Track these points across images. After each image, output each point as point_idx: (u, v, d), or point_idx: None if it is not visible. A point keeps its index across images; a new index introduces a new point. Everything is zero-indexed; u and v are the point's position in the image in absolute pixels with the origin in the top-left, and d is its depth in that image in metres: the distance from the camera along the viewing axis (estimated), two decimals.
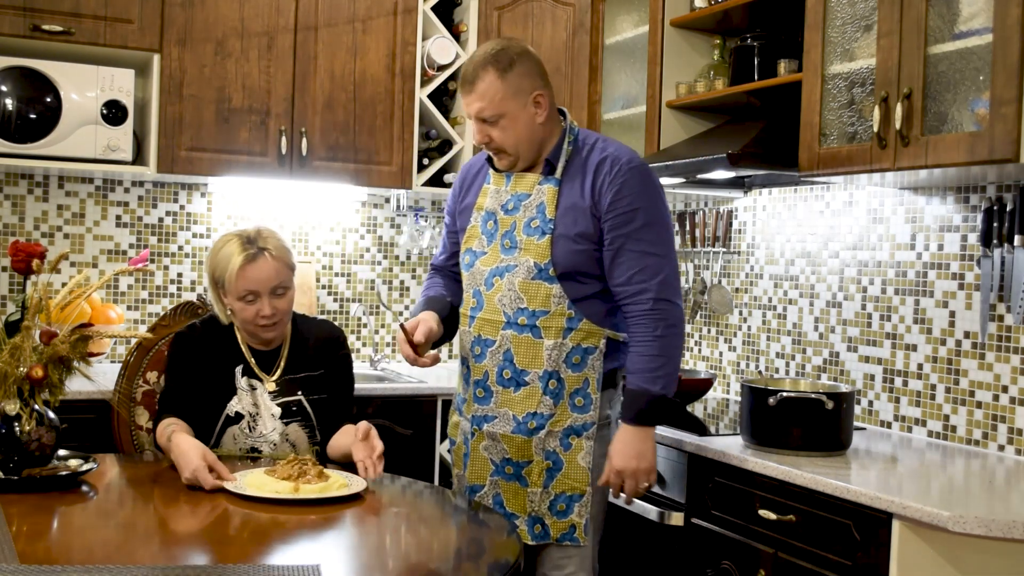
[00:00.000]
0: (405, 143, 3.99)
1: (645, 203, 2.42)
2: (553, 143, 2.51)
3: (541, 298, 2.45)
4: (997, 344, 2.78)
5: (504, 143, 2.47)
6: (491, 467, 2.53)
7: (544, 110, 2.47)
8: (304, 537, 2.03)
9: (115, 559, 1.82)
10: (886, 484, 2.37)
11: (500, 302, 2.48)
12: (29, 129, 3.43)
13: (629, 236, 2.41)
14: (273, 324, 2.62)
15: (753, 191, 3.62)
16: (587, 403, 2.48)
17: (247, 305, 2.59)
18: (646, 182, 2.45)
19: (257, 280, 2.58)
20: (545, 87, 2.49)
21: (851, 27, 2.79)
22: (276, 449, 2.63)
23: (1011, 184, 2.73)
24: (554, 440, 2.47)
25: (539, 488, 2.48)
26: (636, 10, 3.73)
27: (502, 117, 2.44)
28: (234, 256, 2.59)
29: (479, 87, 2.44)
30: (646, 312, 2.41)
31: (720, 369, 3.76)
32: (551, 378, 2.45)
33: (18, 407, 2.22)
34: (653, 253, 2.42)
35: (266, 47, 3.77)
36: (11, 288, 3.79)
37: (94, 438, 2.97)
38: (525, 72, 2.45)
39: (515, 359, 2.47)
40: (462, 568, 1.99)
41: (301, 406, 2.64)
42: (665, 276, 2.42)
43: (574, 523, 2.48)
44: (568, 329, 2.45)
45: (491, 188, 2.56)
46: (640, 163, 2.47)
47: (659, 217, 2.45)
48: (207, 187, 4.07)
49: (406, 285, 4.43)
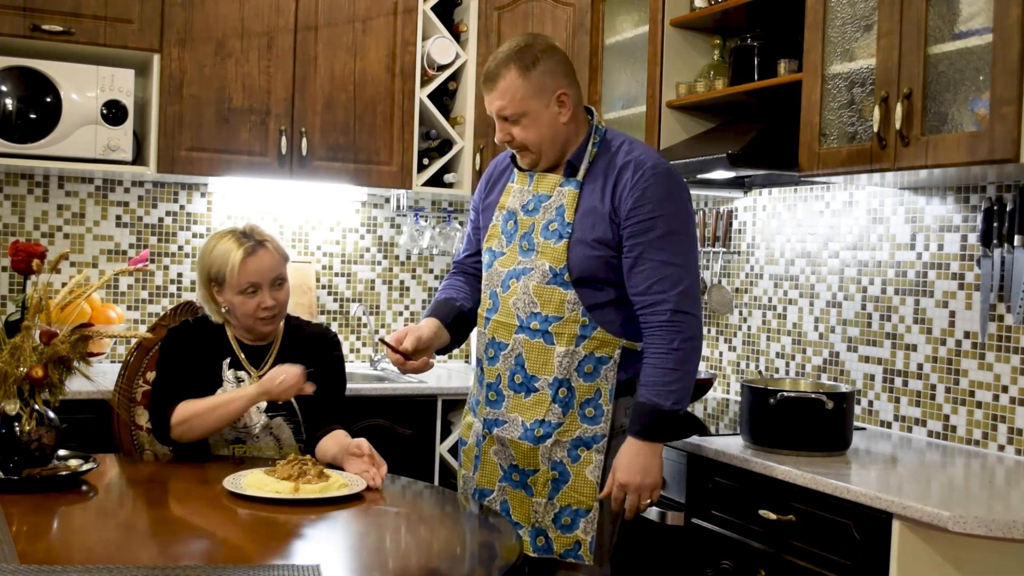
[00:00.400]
0: (405, 143, 3.99)
1: (667, 211, 2.35)
2: (578, 143, 2.44)
3: (555, 303, 2.39)
4: (997, 344, 2.78)
5: (526, 141, 2.42)
6: (500, 472, 2.49)
7: (568, 109, 2.41)
8: (304, 537, 2.03)
9: (115, 559, 1.82)
10: (886, 484, 2.37)
11: (515, 305, 2.43)
12: (29, 129, 3.43)
13: (649, 245, 2.34)
14: (273, 316, 2.64)
15: (753, 191, 3.62)
16: (598, 414, 2.41)
17: (248, 298, 2.60)
18: (670, 189, 2.37)
19: (259, 271, 2.60)
20: (571, 85, 2.42)
21: (851, 27, 2.79)
22: (259, 441, 2.63)
23: (1011, 184, 2.73)
24: (561, 450, 2.41)
25: (544, 499, 2.43)
26: (636, 10, 3.72)
27: (524, 116, 2.39)
28: (233, 251, 2.60)
29: (501, 85, 2.39)
30: (663, 324, 2.34)
31: (720, 369, 3.76)
32: (561, 386, 2.39)
33: (18, 407, 2.22)
34: (673, 263, 2.34)
35: (266, 47, 3.77)
36: (11, 288, 3.79)
37: (94, 438, 2.97)
38: (549, 70, 2.39)
39: (526, 364, 2.42)
40: (462, 568, 1.98)
41: (288, 401, 2.63)
42: (685, 288, 2.34)
43: (579, 539, 2.41)
44: (581, 336, 2.38)
45: (515, 187, 2.52)
46: (666, 169, 2.39)
47: (682, 227, 2.37)
48: (207, 187, 4.07)
49: (406, 285, 4.43)
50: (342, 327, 4.31)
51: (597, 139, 2.45)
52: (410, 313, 4.42)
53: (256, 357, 2.69)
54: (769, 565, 2.53)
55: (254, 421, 2.61)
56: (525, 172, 2.51)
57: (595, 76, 3.80)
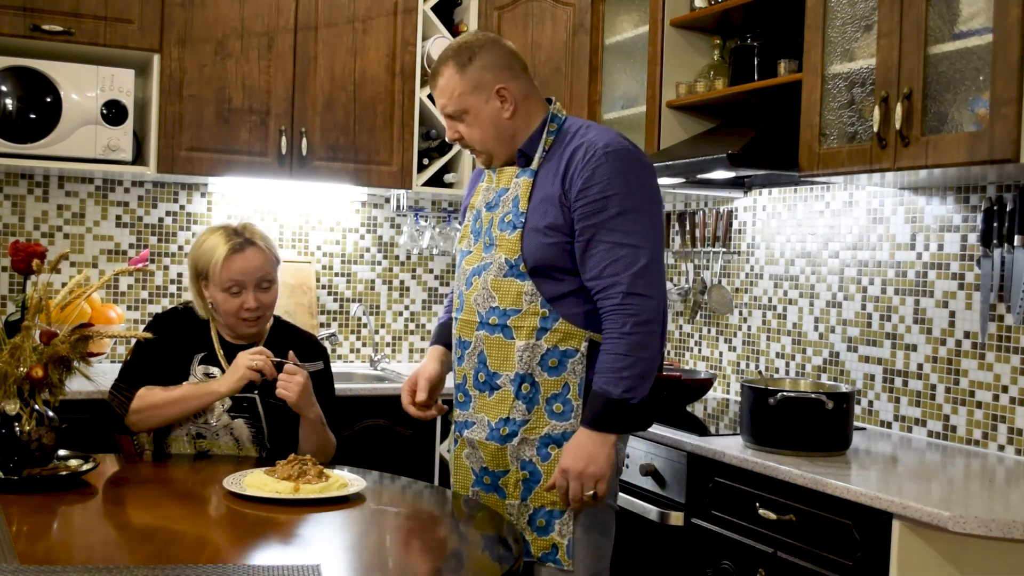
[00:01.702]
0: (405, 143, 3.99)
1: (619, 189, 2.21)
2: (529, 134, 2.35)
3: (512, 296, 2.29)
4: (997, 344, 2.78)
5: (472, 139, 2.36)
6: (472, 476, 2.41)
7: (510, 104, 2.32)
8: (304, 537, 2.03)
9: (115, 559, 1.82)
10: (886, 484, 2.37)
11: (475, 302, 2.35)
12: (29, 129, 3.43)
13: (600, 226, 2.21)
14: (256, 318, 2.62)
15: (753, 191, 3.62)
16: (567, 410, 2.28)
17: (231, 297, 2.59)
18: (624, 168, 2.23)
19: (243, 271, 2.58)
20: (513, 79, 2.33)
21: (851, 27, 2.79)
22: (219, 439, 2.62)
23: (1011, 184, 2.73)
24: (530, 449, 2.29)
25: (517, 500, 2.32)
26: (636, 10, 3.73)
27: (465, 113, 2.33)
28: (219, 246, 2.59)
29: (440, 82, 2.34)
30: (615, 307, 2.20)
31: (720, 369, 3.76)
32: (524, 381, 2.28)
33: (18, 407, 2.22)
34: (627, 244, 2.20)
35: (266, 47, 3.77)
36: (11, 288, 3.79)
37: (94, 438, 2.97)
38: (487, 65, 2.31)
39: (487, 361, 2.32)
40: (462, 569, 1.98)
41: (253, 404, 2.61)
42: (640, 268, 2.20)
43: (556, 543, 2.29)
44: (542, 329, 2.27)
45: (483, 186, 2.46)
46: (620, 148, 2.25)
47: (637, 205, 2.23)
48: (207, 187, 4.07)
49: (406, 285, 4.43)
50: (342, 327, 4.31)
51: (554, 127, 2.35)
52: (410, 313, 4.42)
53: (235, 355, 2.66)
54: (769, 565, 2.53)
55: (215, 417, 2.60)
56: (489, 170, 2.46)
57: (595, 76, 3.80)
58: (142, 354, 2.66)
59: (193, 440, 2.63)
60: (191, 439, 2.63)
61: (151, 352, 2.64)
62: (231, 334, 2.68)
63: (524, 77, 2.38)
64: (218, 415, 2.60)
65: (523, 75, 2.37)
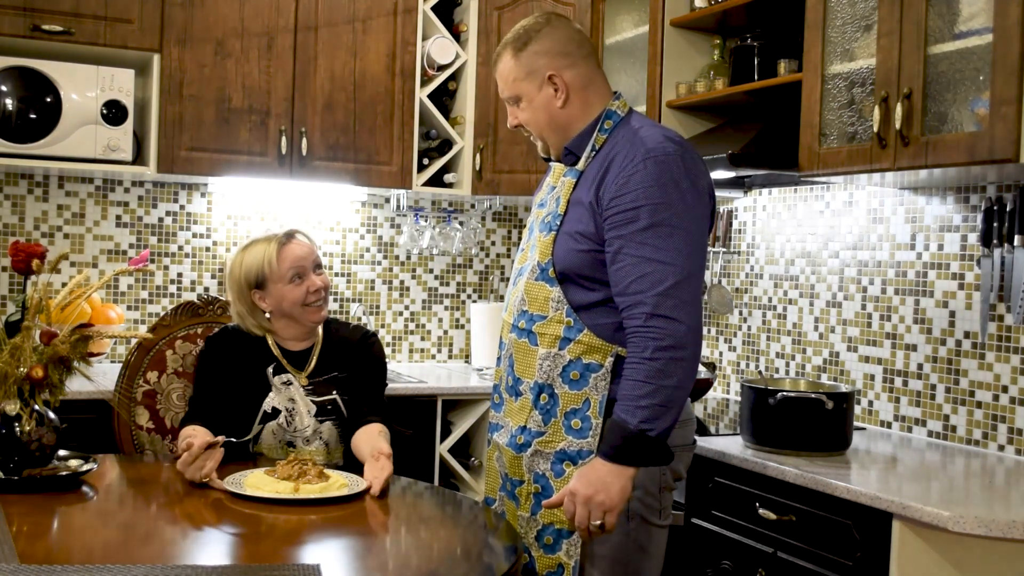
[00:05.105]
0: (405, 143, 3.99)
1: (654, 200, 2.05)
2: (583, 126, 2.23)
3: (540, 301, 2.19)
4: (997, 344, 2.78)
5: (528, 126, 2.28)
6: (500, 480, 2.33)
7: (562, 92, 2.21)
8: (304, 537, 2.03)
9: (115, 559, 1.81)
10: (886, 484, 2.37)
11: (513, 303, 2.28)
12: (29, 129, 3.43)
13: (629, 239, 2.06)
14: (323, 300, 2.67)
15: (753, 191, 3.62)
16: (585, 427, 2.14)
17: (296, 287, 2.63)
18: (663, 177, 2.07)
19: (299, 256, 2.65)
20: (569, 67, 2.21)
21: (851, 27, 2.79)
22: (309, 445, 2.63)
23: (1011, 184, 2.73)
24: (544, 462, 2.18)
25: (527, 513, 2.22)
26: (636, 10, 3.73)
27: (520, 99, 2.26)
28: (267, 248, 2.65)
29: (499, 67, 2.29)
30: (637, 328, 2.05)
31: (720, 369, 3.76)
32: (542, 391, 2.17)
33: (18, 407, 2.22)
34: (656, 260, 2.04)
35: (266, 47, 3.77)
36: (11, 288, 3.79)
37: (94, 438, 2.97)
38: (542, 50, 2.22)
39: (515, 366, 2.24)
40: (462, 569, 1.98)
41: (336, 405, 2.65)
42: (667, 288, 2.03)
43: (562, 563, 2.16)
44: (565, 339, 2.15)
45: (545, 182, 2.37)
46: (664, 154, 2.09)
47: (671, 218, 2.06)
48: (207, 187, 4.07)
49: (406, 285, 4.43)
50: None
51: (609, 124, 2.22)
52: (410, 313, 4.42)
53: (298, 362, 2.69)
54: (769, 565, 2.53)
55: (306, 425, 2.62)
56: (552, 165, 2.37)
57: None
58: (207, 380, 2.65)
59: (285, 448, 2.63)
60: (282, 446, 2.64)
61: (217, 377, 2.64)
62: (290, 340, 2.69)
63: (584, 65, 2.25)
64: (308, 421, 2.62)
65: (583, 63, 2.25)
